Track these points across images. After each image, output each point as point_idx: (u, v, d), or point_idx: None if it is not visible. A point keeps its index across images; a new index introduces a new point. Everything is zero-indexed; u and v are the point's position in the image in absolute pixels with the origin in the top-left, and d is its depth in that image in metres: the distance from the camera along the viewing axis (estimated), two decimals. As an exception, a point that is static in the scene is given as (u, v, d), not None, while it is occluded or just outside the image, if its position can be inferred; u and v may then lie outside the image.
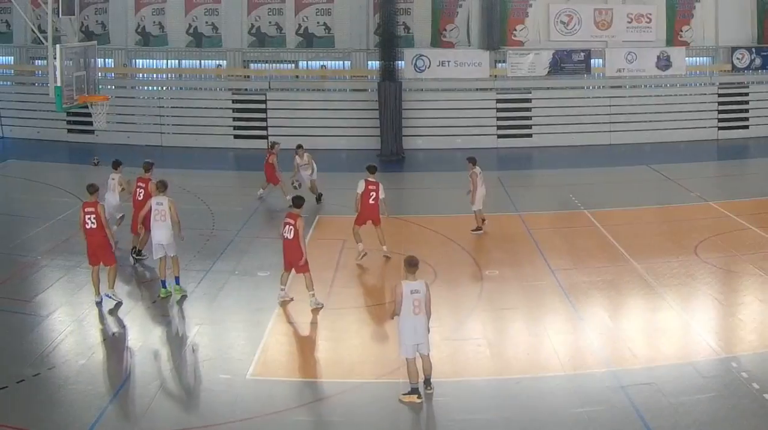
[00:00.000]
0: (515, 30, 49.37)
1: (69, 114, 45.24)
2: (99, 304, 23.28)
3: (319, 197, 34.56)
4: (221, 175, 41.54)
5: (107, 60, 50.43)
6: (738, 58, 49.29)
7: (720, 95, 49.50)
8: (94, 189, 23.78)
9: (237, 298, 24.20)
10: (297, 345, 21.45)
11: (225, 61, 50.66)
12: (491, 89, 49.13)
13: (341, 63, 50.66)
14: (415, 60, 48.40)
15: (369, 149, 45.61)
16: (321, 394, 18.40)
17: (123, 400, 17.88)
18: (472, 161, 30.51)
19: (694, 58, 50.12)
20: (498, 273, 25.88)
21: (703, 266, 26.04)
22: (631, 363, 19.29)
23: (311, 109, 48.82)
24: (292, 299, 23.23)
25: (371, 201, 27.35)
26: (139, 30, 50.86)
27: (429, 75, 48.72)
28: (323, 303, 22.93)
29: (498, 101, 48.86)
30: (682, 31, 49.54)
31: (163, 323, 22.41)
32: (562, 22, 48.94)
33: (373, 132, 46.59)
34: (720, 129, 49.33)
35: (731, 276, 25.36)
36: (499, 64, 49.39)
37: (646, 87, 49.49)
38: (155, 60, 51.45)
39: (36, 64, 51.88)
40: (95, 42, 37.11)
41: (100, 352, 20.48)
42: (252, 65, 51.16)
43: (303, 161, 34.96)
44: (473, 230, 30.19)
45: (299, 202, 23.49)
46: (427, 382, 17.82)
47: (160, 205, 23.89)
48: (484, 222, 30.41)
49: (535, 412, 17.18)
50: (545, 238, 29.50)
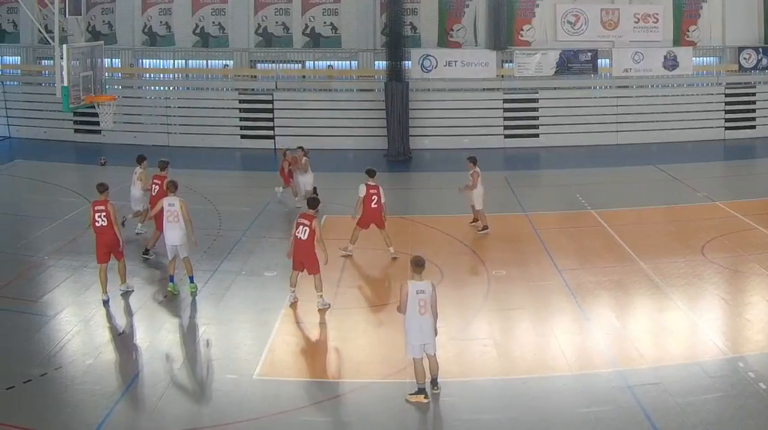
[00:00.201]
0: (522, 30, 49.37)
1: (76, 114, 45.32)
2: (106, 303, 23.32)
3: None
4: (228, 175, 41.54)
5: (114, 60, 50.46)
6: (745, 58, 49.26)
7: (727, 95, 49.48)
8: (104, 188, 23.95)
9: (244, 298, 24.19)
10: (304, 345, 21.42)
11: (232, 61, 50.71)
12: (498, 89, 49.11)
13: (348, 63, 50.63)
14: (422, 60, 48.39)
15: (376, 149, 45.68)
16: (328, 394, 18.35)
17: (130, 400, 17.87)
18: (472, 161, 30.69)
19: (701, 58, 50.09)
20: (505, 273, 25.86)
21: (710, 266, 26.01)
22: (638, 363, 19.26)
23: (318, 110, 48.85)
24: (297, 301, 23.25)
25: (374, 205, 27.43)
26: (146, 30, 50.93)
27: (436, 75, 48.72)
28: (330, 303, 22.93)
29: (505, 101, 48.87)
30: (688, 31, 49.53)
31: (170, 323, 22.42)
32: (569, 22, 48.93)
33: (380, 132, 46.61)
34: (727, 129, 49.31)
35: (738, 276, 25.33)
36: (506, 64, 49.36)
37: (653, 87, 49.41)
38: (162, 60, 51.49)
39: (43, 64, 51.87)
40: (102, 42, 37.10)
41: (107, 352, 20.48)
42: (259, 65, 51.17)
43: (301, 165, 33.57)
44: (480, 230, 30.32)
45: (314, 203, 23.50)
46: (434, 382, 17.82)
47: (171, 206, 23.93)
48: (474, 221, 30.76)
49: (542, 412, 17.16)
50: (552, 238, 29.48)
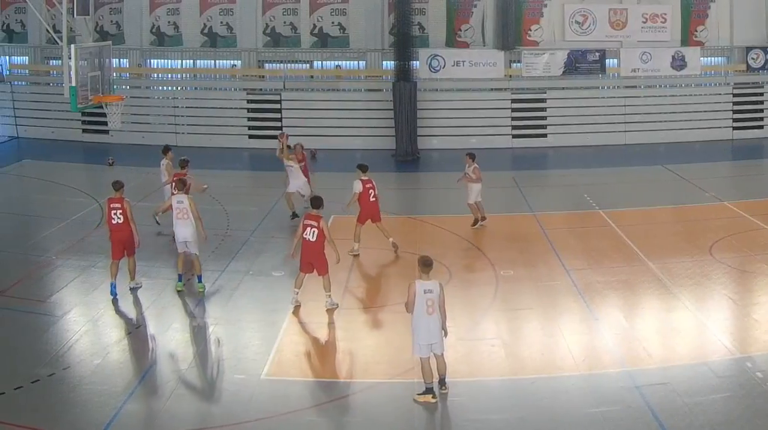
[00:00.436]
0: (530, 30, 49.30)
1: (84, 114, 45.33)
2: (113, 286, 23.86)
3: (295, 216, 31.34)
4: (236, 175, 41.51)
5: (122, 60, 50.50)
6: (753, 58, 49.16)
7: (735, 95, 49.36)
8: (119, 185, 24.45)
9: (252, 298, 24.23)
10: (311, 345, 21.43)
11: (240, 61, 50.73)
12: (506, 89, 49.07)
13: (356, 63, 50.62)
14: (430, 60, 48.36)
15: (384, 149, 45.68)
16: (335, 394, 18.38)
17: (138, 400, 17.89)
18: (471, 157, 30.81)
19: (708, 58, 49.97)
20: (513, 273, 25.85)
21: (718, 266, 25.97)
22: (646, 363, 19.26)
23: (326, 110, 48.85)
24: (299, 304, 23.17)
25: (371, 199, 27.64)
26: (154, 30, 50.95)
27: (444, 75, 48.67)
28: (338, 303, 22.94)
29: (513, 101, 48.81)
30: (696, 31, 49.44)
31: (179, 323, 22.45)
32: (577, 22, 48.86)
33: (388, 132, 46.60)
34: (735, 129, 49.19)
35: (746, 276, 25.30)
36: (514, 64, 49.29)
37: (660, 87, 49.35)
38: (170, 60, 51.51)
39: (51, 64, 51.93)
40: (110, 42, 37.10)
41: (115, 352, 20.51)
42: (267, 65, 51.18)
43: (293, 165, 31.99)
44: (473, 225, 30.73)
45: (318, 202, 23.39)
46: (442, 382, 17.83)
47: (180, 204, 24.11)
48: (475, 223, 30.88)
49: (550, 412, 17.16)
50: (560, 238, 29.46)
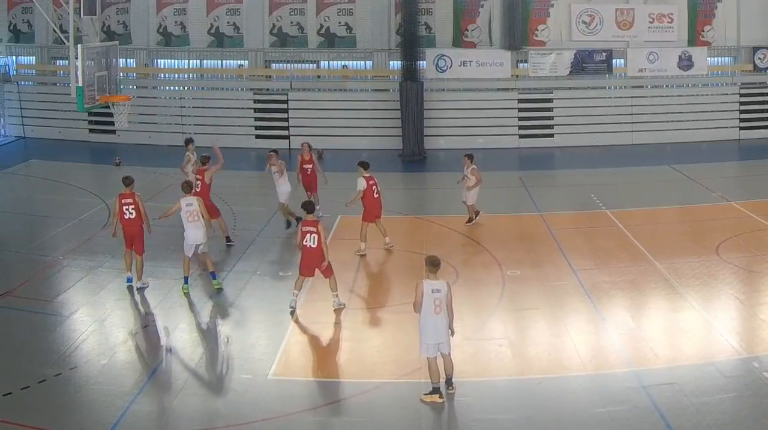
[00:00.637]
0: (537, 30, 49.25)
1: (91, 114, 45.38)
2: (130, 280, 24.56)
3: (289, 224, 30.70)
4: (243, 176, 41.47)
5: (129, 60, 50.54)
6: (760, 58, 49.06)
7: (742, 95, 49.25)
8: (129, 181, 24.92)
9: (259, 298, 24.28)
10: (318, 345, 21.48)
11: (246, 61, 50.75)
12: (513, 89, 49.04)
13: (363, 63, 50.60)
14: (437, 60, 48.35)
15: (390, 149, 45.71)
16: (342, 394, 18.43)
17: (145, 400, 17.90)
18: (470, 157, 30.89)
19: (715, 58, 49.86)
20: (519, 273, 25.85)
21: (725, 265, 25.96)
22: (653, 363, 19.26)
23: (333, 109, 48.88)
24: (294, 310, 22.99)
25: (375, 195, 27.74)
26: (161, 30, 50.97)
27: (451, 75, 48.65)
28: (345, 303, 22.95)
29: (520, 101, 48.77)
30: (703, 31, 49.35)
31: (185, 323, 22.51)
32: (583, 22, 48.81)
33: (395, 132, 46.61)
34: (742, 129, 49.07)
35: (753, 276, 25.28)
36: (521, 64, 49.27)
37: (667, 87, 49.29)
38: (177, 60, 51.51)
39: (58, 64, 52.02)
40: (117, 42, 37.13)
41: (121, 352, 20.55)
42: (273, 65, 51.17)
43: (277, 169, 30.77)
44: (468, 222, 30.93)
45: (311, 206, 23.47)
46: (449, 382, 17.84)
47: (190, 206, 24.16)
48: (477, 215, 31.06)
49: (557, 412, 17.16)
50: (567, 238, 29.45)
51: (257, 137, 48.61)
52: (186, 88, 51.26)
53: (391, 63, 49.16)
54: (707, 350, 19.94)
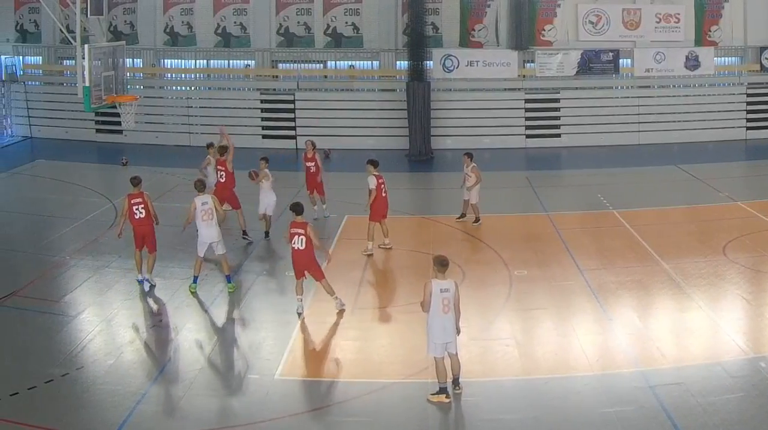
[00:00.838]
0: (544, 30, 49.24)
1: (97, 114, 45.49)
2: (141, 283, 24.62)
3: (267, 234, 30.13)
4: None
5: (136, 60, 50.66)
6: (766, 58, 49.00)
7: (748, 95, 49.18)
8: (137, 181, 25.03)
9: (265, 298, 24.34)
10: (325, 345, 21.43)
11: (253, 61, 50.79)
12: (520, 89, 49.04)
13: (370, 63, 50.64)
14: (444, 60, 48.37)
15: (397, 149, 45.69)
16: (349, 394, 18.38)
17: (152, 400, 17.92)
18: (469, 156, 30.98)
19: (722, 58, 49.82)
20: (526, 273, 25.83)
21: (732, 266, 25.93)
22: (660, 363, 19.24)
23: (340, 109, 48.89)
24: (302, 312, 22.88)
25: (383, 194, 27.76)
26: (168, 30, 51.02)
27: (457, 75, 48.68)
28: (345, 303, 22.92)
29: (526, 101, 48.78)
30: (710, 31, 49.28)
31: (192, 323, 22.49)
32: (590, 22, 48.79)
33: (402, 132, 46.60)
34: (748, 129, 49.00)
35: (760, 276, 25.24)
36: (528, 64, 49.28)
37: (674, 87, 49.30)
38: (184, 60, 51.60)
39: (64, 64, 52.04)
40: (124, 42, 37.25)
41: (128, 352, 20.54)
42: (280, 65, 51.21)
43: (262, 179, 29.87)
44: (474, 222, 31.09)
45: (300, 208, 23.22)
46: (456, 382, 17.83)
47: (205, 205, 24.15)
48: (462, 216, 31.30)
49: (564, 412, 17.15)
50: (574, 238, 29.44)
51: (264, 137, 48.60)
52: (193, 88, 51.38)
53: (398, 63, 49.14)
54: (714, 350, 19.91)
